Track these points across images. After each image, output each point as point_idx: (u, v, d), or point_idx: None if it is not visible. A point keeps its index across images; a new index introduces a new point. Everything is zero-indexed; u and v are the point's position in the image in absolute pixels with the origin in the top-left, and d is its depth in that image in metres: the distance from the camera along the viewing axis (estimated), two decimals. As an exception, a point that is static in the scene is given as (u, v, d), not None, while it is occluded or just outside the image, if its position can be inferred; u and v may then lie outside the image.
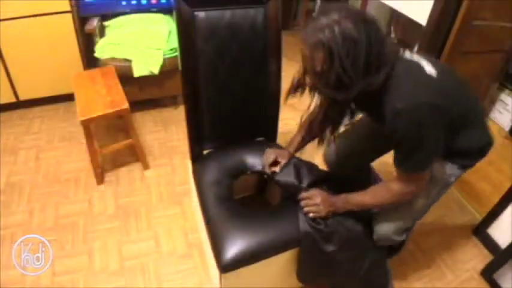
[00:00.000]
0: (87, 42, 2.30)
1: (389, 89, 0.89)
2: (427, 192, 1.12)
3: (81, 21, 2.21)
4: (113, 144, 1.97)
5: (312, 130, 1.28)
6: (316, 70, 0.84)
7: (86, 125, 1.72)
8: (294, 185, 1.28)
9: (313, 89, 0.98)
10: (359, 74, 0.82)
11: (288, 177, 1.30)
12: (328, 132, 1.14)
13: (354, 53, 0.79)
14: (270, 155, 1.35)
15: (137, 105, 2.38)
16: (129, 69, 2.09)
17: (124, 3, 2.34)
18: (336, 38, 0.78)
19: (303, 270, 1.29)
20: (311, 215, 1.16)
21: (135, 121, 2.37)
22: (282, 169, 1.32)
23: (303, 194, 1.20)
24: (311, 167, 1.37)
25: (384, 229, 1.20)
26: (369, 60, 0.82)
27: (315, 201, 1.16)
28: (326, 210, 1.15)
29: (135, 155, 2.03)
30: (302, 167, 1.34)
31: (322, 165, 1.49)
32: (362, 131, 1.36)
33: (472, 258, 1.72)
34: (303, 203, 1.19)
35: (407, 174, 1.02)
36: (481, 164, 1.15)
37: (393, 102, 0.88)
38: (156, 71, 2.12)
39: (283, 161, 1.34)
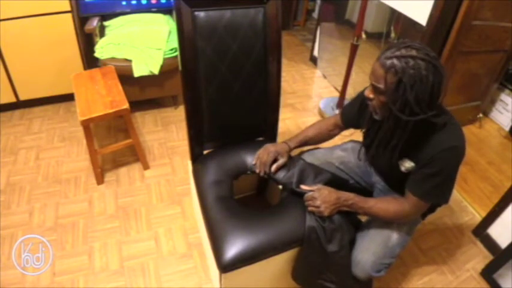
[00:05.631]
0: (87, 42, 2.30)
1: (447, 129, 1.04)
2: (403, 228, 1.23)
3: (81, 21, 2.22)
4: (112, 144, 1.97)
5: (321, 138, 1.42)
6: (387, 89, 0.97)
7: (86, 125, 1.72)
8: (292, 188, 1.28)
9: (379, 107, 1.05)
10: (421, 107, 0.95)
11: (289, 179, 1.30)
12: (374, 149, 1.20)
13: (418, 88, 0.93)
14: (270, 153, 1.35)
15: (137, 105, 2.38)
16: (129, 69, 2.09)
17: (124, 3, 2.35)
18: (407, 70, 0.92)
19: (300, 269, 1.29)
20: (310, 208, 1.19)
21: (135, 121, 2.37)
22: (285, 170, 1.32)
23: (306, 196, 1.21)
24: (318, 171, 1.35)
25: (363, 259, 1.21)
26: (431, 99, 0.95)
27: (315, 203, 1.18)
28: (328, 209, 1.16)
29: (135, 155, 2.03)
30: (307, 170, 1.33)
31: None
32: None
33: (472, 258, 1.72)
34: (306, 203, 1.21)
35: (424, 201, 1.11)
36: (481, 164, 1.16)
37: (450, 140, 1.03)
38: (156, 71, 2.12)
39: (282, 160, 1.34)
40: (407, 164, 1.11)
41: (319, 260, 1.21)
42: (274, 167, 1.34)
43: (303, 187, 1.25)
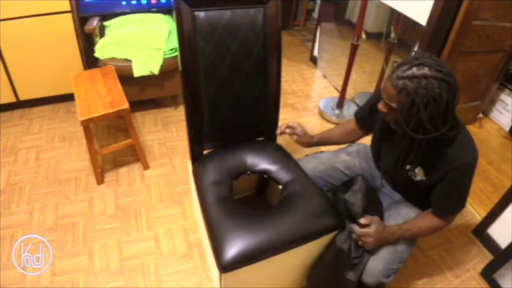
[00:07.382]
0: (87, 42, 2.30)
1: (459, 143, 1.05)
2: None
3: (81, 21, 2.22)
4: (112, 144, 1.97)
5: (345, 139, 1.46)
6: (400, 109, 0.97)
7: (86, 125, 1.72)
8: (356, 213, 1.19)
9: (393, 122, 1.06)
10: (435, 124, 0.95)
11: (356, 204, 1.20)
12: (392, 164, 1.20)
13: (431, 108, 0.92)
14: (299, 125, 1.38)
15: (137, 105, 2.38)
16: (129, 69, 2.09)
17: (124, 3, 2.35)
18: (419, 91, 0.91)
19: (316, 280, 1.32)
20: (359, 242, 1.15)
21: (135, 121, 2.37)
22: (353, 191, 1.23)
23: (360, 231, 1.14)
24: (376, 200, 1.31)
25: (373, 265, 1.20)
26: (445, 117, 0.94)
27: (367, 240, 1.13)
28: (373, 246, 1.14)
29: (135, 155, 2.03)
30: (369, 191, 1.26)
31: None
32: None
33: (472, 258, 1.72)
34: (358, 232, 1.14)
35: (451, 214, 1.17)
36: (481, 164, 1.17)
37: (464, 155, 1.05)
38: (156, 71, 2.12)
39: (299, 137, 1.38)
40: (417, 170, 1.12)
41: (336, 281, 1.22)
42: (288, 129, 1.38)
43: (362, 221, 1.15)
